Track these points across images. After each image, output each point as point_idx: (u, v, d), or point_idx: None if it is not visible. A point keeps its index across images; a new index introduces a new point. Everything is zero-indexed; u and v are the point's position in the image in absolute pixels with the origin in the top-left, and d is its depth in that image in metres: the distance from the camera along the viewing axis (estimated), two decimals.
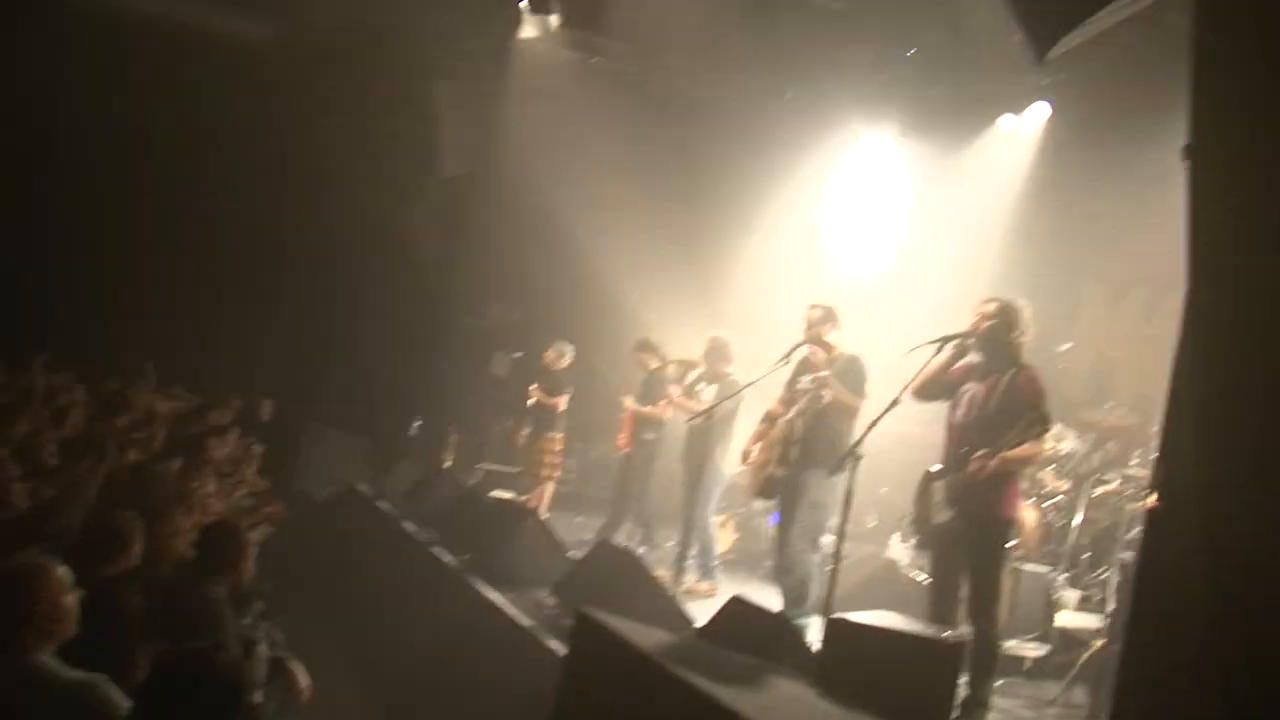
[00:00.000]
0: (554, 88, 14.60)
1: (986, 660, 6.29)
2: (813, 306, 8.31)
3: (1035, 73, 11.62)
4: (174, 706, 3.44)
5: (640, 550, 10.06)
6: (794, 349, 8.29)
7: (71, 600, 3.85)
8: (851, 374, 8.03)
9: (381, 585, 10.21)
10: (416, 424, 14.02)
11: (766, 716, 4.26)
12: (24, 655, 3.66)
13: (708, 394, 9.99)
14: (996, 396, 6.53)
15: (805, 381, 8.12)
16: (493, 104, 14.79)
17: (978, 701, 6.22)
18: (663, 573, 8.90)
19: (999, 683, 6.89)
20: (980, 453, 6.32)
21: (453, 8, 14.01)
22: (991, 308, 6.73)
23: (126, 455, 8.06)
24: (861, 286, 13.27)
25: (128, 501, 6.03)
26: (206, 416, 11.02)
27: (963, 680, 5.85)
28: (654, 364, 11.35)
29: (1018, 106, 12.59)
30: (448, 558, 9.40)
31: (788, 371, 8.40)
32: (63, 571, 3.91)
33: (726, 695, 4.33)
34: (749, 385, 9.22)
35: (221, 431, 10.00)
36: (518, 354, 14.38)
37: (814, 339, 8.17)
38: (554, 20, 13.24)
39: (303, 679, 5.72)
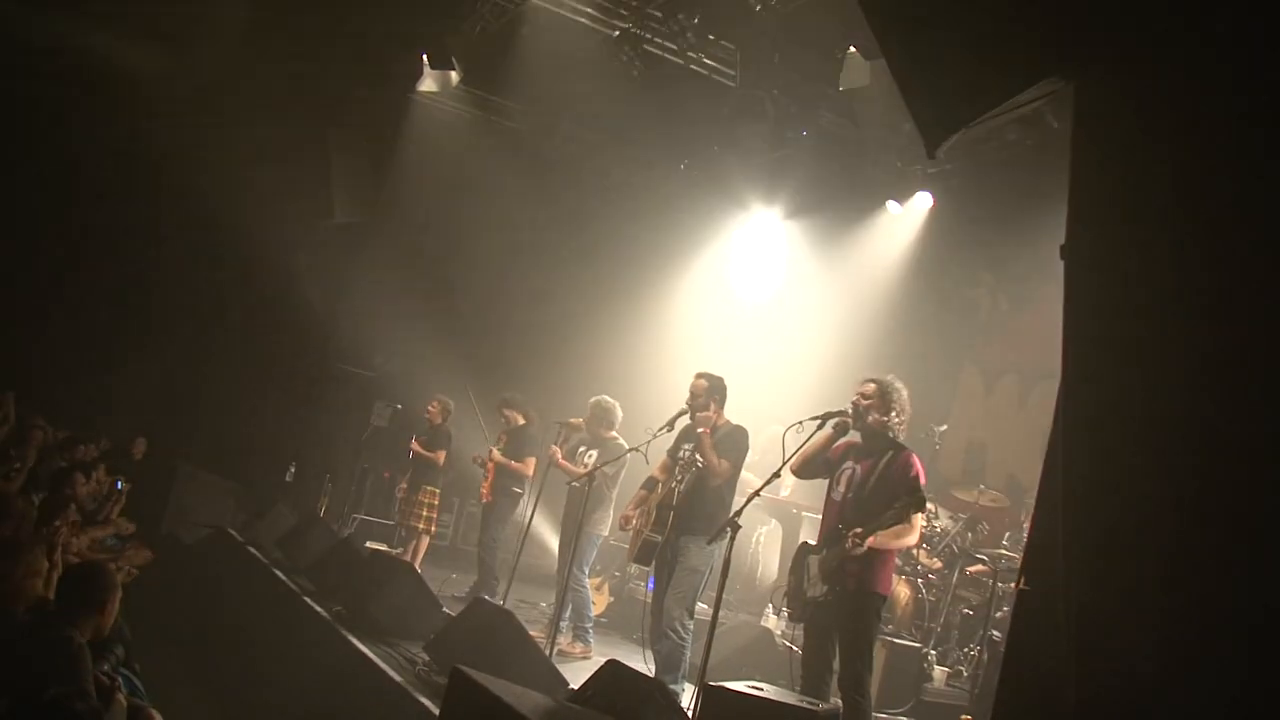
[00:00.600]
0: (450, 143, 14.66)
1: None
2: (699, 376, 8.40)
3: (920, 162, 12.00)
4: None
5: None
6: (677, 416, 8.39)
7: None
8: (731, 444, 8.12)
9: (250, 633, 10.01)
10: (292, 470, 13.83)
11: None
12: None
13: (590, 457, 10.04)
14: (875, 477, 6.70)
15: (686, 449, 8.21)
16: (387, 155, 14.78)
17: None
18: (537, 633, 8.89)
19: None
20: (854, 530, 6.46)
21: (352, 55, 14.00)
22: (870, 388, 6.91)
23: None
24: (747, 358, 13.44)
25: None
26: (74, 451, 10.78)
27: None
28: (519, 420, 11.43)
29: (902, 194, 12.95)
30: (320, 608, 9.26)
31: (671, 439, 8.50)
32: None
33: None
34: (630, 451, 9.30)
35: (89, 468, 9.79)
36: (398, 405, 14.29)
37: (698, 408, 8.26)
38: (454, 76, 13.30)
39: None
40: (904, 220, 13.07)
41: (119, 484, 10.42)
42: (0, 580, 5.18)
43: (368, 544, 11.76)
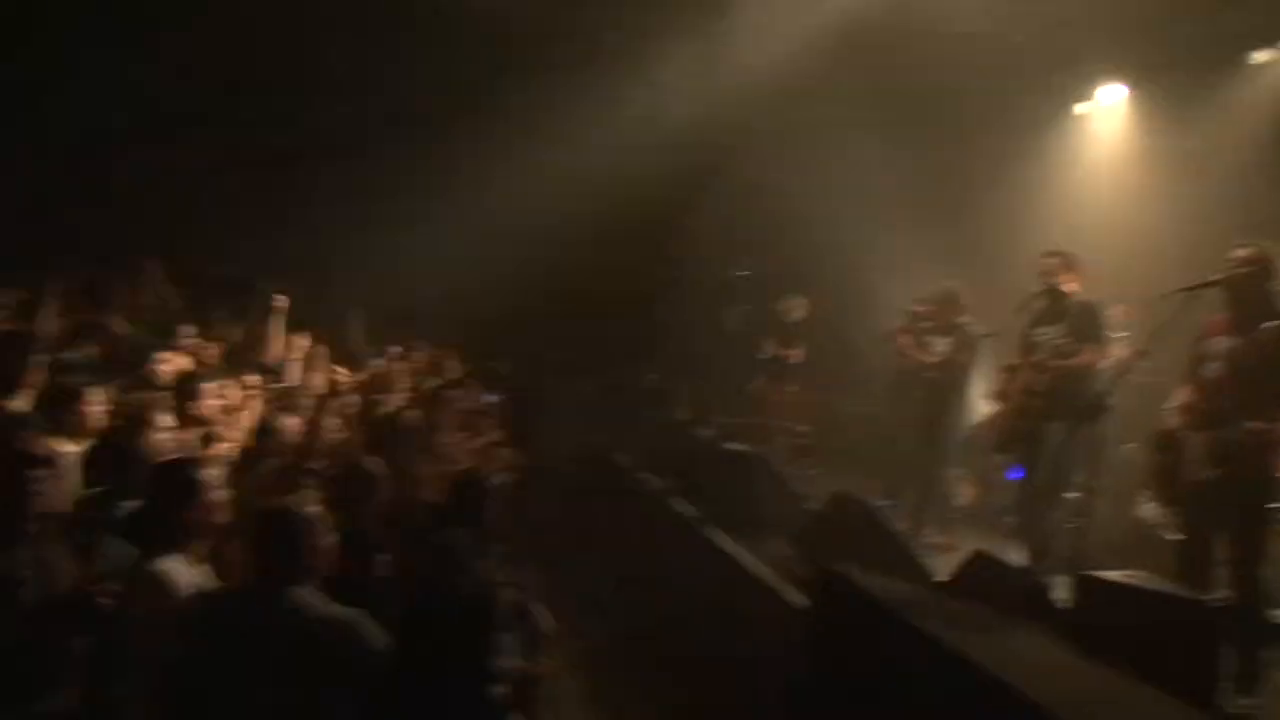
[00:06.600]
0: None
1: (1254, 626, 5.90)
2: (1048, 254, 8.03)
3: None
4: (431, 643, 3.59)
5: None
6: (1030, 298, 8.06)
7: (329, 540, 4.04)
8: (1088, 323, 7.73)
9: (619, 535, 10.37)
10: (653, 376, 14.14)
11: (1018, 673, 4.14)
12: (289, 588, 3.88)
13: (942, 345, 9.79)
14: (1259, 352, 6.14)
15: (1044, 332, 7.87)
16: (716, 54, 14.68)
17: (1249, 673, 5.73)
18: (901, 526, 8.80)
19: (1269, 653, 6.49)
20: (1256, 420, 5.92)
21: None
22: (1247, 254, 6.31)
23: (375, 407, 8.42)
24: (1099, 232, 12.71)
25: (376, 450, 6.28)
26: (443, 370, 11.36)
27: (1228, 648, 5.54)
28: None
29: (1275, 39, 11.80)
30: (684, 509, 9.46)
31: (1025, 321, 8.17)
32: (320, 513, 4.10)
33: (975, 650, 4.26)
34: (984, 336, 9.03)
35: (460, 384, 10.33)
36: (748, 307, 14.33)
37: (1050, 287, 7.89)
38: None
39: (546, 622, 5.84)
40: (1275, 69, 11.94)
41: (490, 397, 10.94)
42: (394, 488, 5.58)
43: (728, 444, 11.91)
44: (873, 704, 4.91)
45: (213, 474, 4.59)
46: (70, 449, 5.29)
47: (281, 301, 8.93)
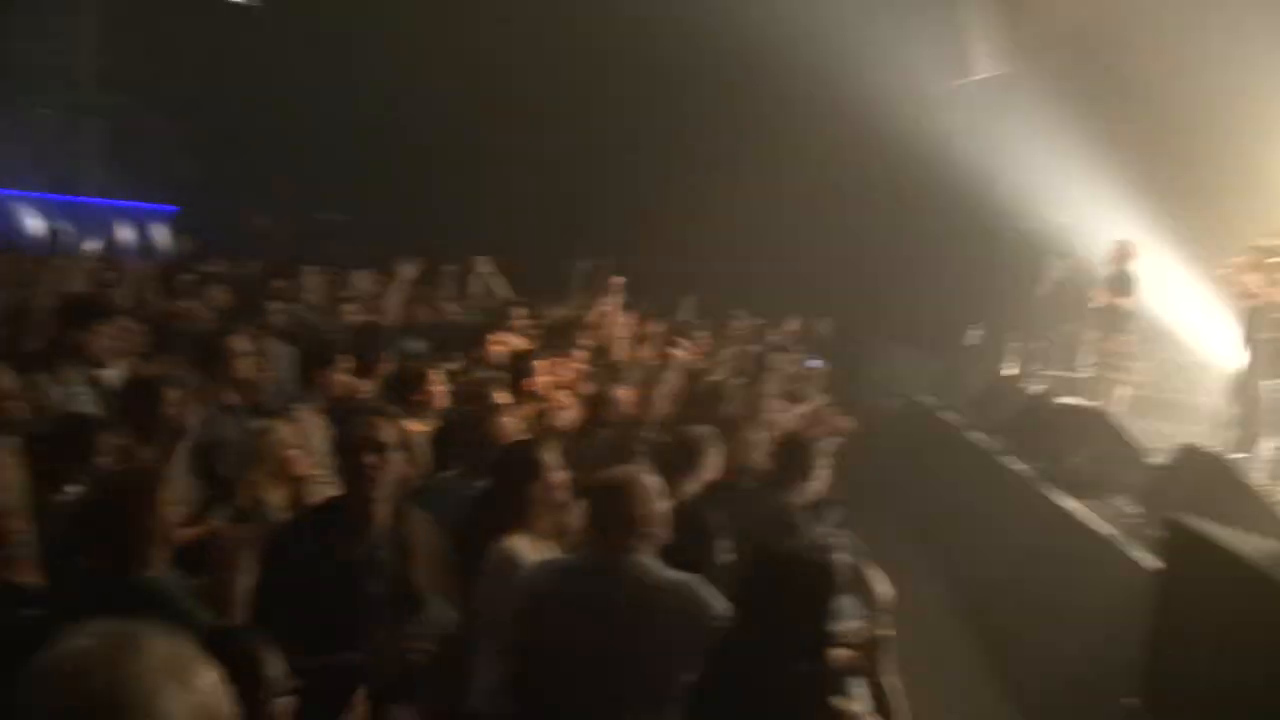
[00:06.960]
0: None
1: None
2: None
3: None
4: (769, 607, 3.59)
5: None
6: None
7: (663, 506, 4.07)
8: None
9: (952, 494, 10.17)
10: (975, 333, 13.80)
11: None
12: (628, 555, 3.94)
13: None
14: None
15: None
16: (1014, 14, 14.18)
17: None
18: (1260, 479, 8.23)
19: None
20: None
21: None
22: None
23: (703, 376, 8.53)
24: None
25: (704, 418, 6.32)
26: (764, 336, 11.40)
27: None
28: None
29: None
30: (1018, 466, 9.20)
31: None
32: (654, 480, 4.14)
33: None
34: None
35: (782, 349, 10.34)
36: (1073, 255, 13.76)
37: None
38: None
39: (882, 586, 5.76)
40: None
41: (814, 361, 10.91)
42: (723, 455, 5.63)
43: (1060, 399, 11.46)
44: (1236, 670, 4.61)
45: (553, 453, 4.73)
46: (419, 428, 5.57)
47: (619, 281, 9.30)
